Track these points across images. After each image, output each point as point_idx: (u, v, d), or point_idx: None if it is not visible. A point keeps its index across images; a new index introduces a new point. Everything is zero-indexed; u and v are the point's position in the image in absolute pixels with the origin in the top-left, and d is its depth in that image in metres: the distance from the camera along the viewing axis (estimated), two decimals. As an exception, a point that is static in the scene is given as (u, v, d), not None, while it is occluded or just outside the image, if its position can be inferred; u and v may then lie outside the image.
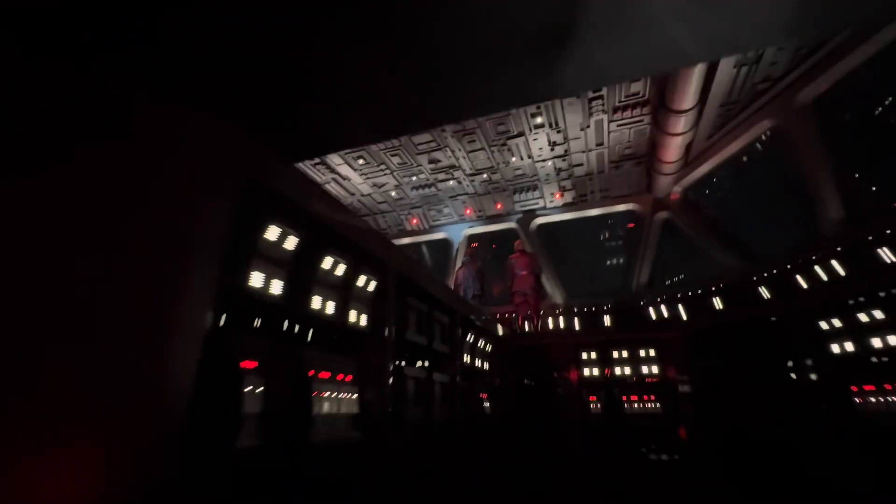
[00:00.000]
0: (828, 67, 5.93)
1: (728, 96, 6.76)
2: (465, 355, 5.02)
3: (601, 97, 7.05)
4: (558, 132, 7.97)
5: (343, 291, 2.75)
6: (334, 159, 8.95)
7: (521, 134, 8.05)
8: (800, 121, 6.40)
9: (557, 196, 10.06)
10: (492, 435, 5.60)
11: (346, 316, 2.77)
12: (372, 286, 3.04)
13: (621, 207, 9.98)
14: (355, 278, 2.86)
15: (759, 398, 5.97)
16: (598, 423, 7.25)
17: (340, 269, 2.69)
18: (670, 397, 6.94)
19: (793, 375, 5.64)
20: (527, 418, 7.04)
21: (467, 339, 5.10)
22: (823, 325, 5.53)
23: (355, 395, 2.74)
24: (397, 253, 3.44)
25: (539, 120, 7.64)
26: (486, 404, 5.47)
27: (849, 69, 5.83)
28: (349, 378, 2.71)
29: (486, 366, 5.93)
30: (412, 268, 3.70)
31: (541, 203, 10.40)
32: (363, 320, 2.92)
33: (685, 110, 6.57)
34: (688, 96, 6.34)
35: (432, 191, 10.06)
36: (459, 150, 8.50)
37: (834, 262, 6.16)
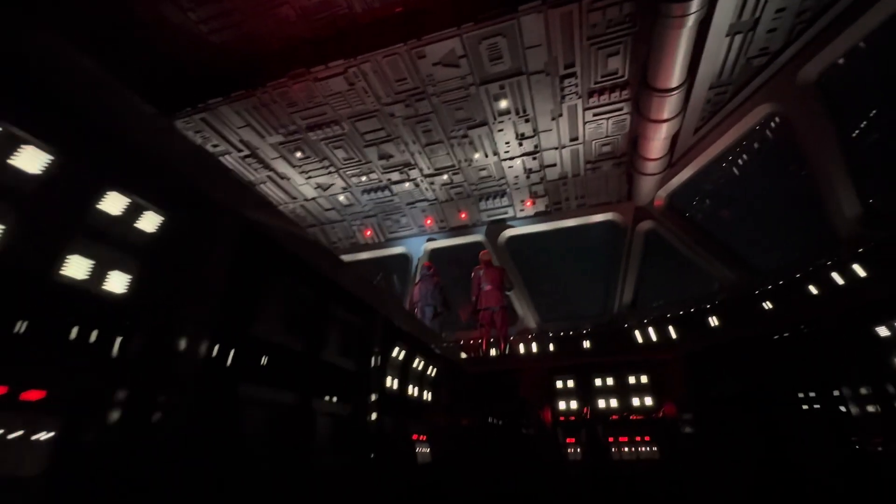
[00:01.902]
0: (834, 36, 5.05)
1: (719, 75, 5.83)
2: (391, 378, 3.54)
3: (574, 74, 6.01)
4: (526, 121, 6.88)
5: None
6: (268, 152, 7.60)
7: (483, 123, 6.92)
8: (803, 102, 5.46)
9: (528, 203, 8.87)
10: (427, 496, 4.01)
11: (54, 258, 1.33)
12: (149, 221, 1.63)
13: (599, 217, 8.84)
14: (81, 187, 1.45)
15: (789, 435, 4.60)
16: (580, 471, 5.72)
17: (31, 159, 1.28)
18: (670, 437, 5.50)
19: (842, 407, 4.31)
20: (487, 468, 5.44)
21: (394, 354, 3.63)
22: (857, 336, 4.33)
23: (49, 435, 1.27)
24: (240, 186, 2.04)
25: (503, 104, 6.53)
26: (424, 449, 3.91)
27: (860, 36, 4.95)
28: (36, 395, 1.25)
29: (429, 396, 4.41)
30: (272, 214, 2.32)
31: (510, 212, 9.17)
32: (118, 281, 1.48)
33: (671, 89, 5.59)
34: (674, 72, 5.38)
35: (386, 195, 8.75)
36: (414, 142, 7.29)
37: (855, 266, 5.16)
